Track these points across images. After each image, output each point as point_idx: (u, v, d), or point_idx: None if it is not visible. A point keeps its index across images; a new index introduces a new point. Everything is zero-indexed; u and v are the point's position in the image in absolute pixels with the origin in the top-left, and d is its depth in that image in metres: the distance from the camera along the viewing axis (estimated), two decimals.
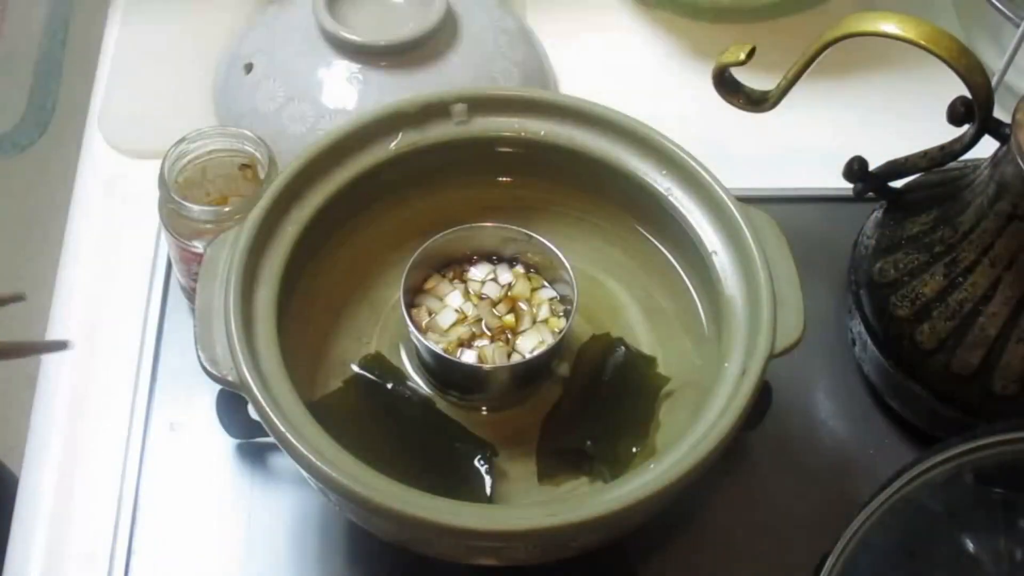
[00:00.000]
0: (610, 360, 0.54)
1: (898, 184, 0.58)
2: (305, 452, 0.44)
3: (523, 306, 0.56)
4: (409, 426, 0.52)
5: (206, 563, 0.54)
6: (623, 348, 0.55)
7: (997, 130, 0.51)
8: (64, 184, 0.69)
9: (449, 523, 0.43)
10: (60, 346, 0.57)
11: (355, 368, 0.54)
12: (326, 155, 0.53)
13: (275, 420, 0.45)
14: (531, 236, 0.55)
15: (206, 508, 0.55)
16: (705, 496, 0.56)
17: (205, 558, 0.54)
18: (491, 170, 0.58)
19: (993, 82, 0.61)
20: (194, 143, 0.57)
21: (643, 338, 0.56)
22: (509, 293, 0.56)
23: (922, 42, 0.49)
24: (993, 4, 0.67)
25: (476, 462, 0.51)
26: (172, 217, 0.57)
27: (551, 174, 0.58)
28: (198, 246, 0.56)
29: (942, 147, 0.54)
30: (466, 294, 0.56)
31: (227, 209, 0.55)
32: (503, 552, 0.47)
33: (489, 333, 0.55)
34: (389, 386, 0.53)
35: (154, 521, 0.55)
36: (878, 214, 0.59)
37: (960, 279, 0.52)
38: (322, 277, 0.56)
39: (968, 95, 0.50)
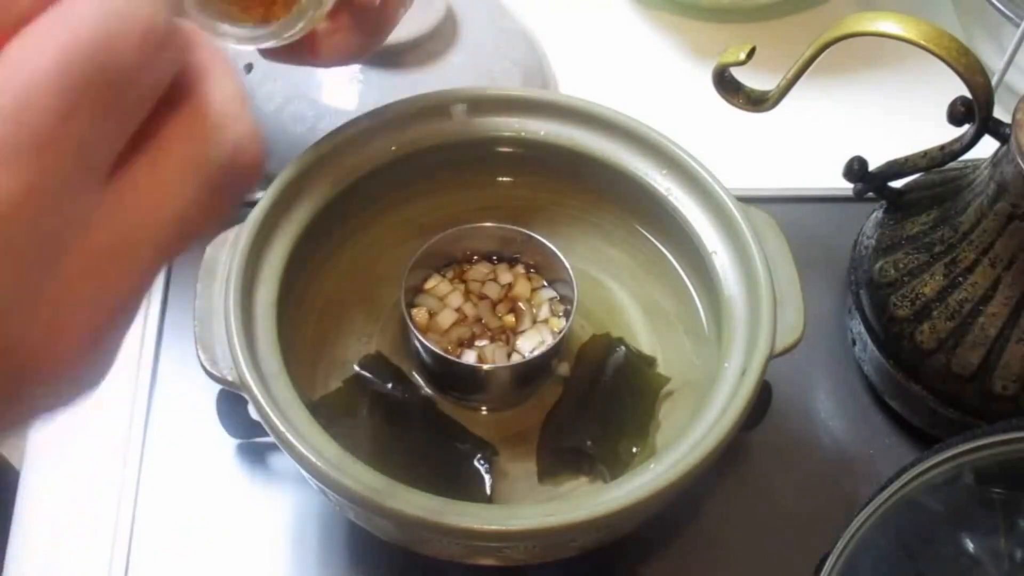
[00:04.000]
0: (610, 360, 0.54)
1: (898, 184, 0.58)
2: (305, 452, 0.44)
3: (523, 306, 0.56)
4: (409, 426, 0.52)
5: (206, 563, 0.54)
6: (623, 348, 0.55)
7: (997, 130, 0.51)
8: None
9: (449, 523, 0.43)
10: None
11: (355, 368, 0.54)
12: (327, 155, 0.53)
13: (275, 420, 0.45)
14: (531, 236, 0.55)
15: (206, 508, 0.55)
16: (705, 496, 0.56)
17: (205, 558, 0.54)
18: (491, 170, 0.58)
19: (993, 82, 0.61)
20: None
21: (643, 338, 0.56)
22: (509, 293, 0.56)
23: (922, 42, 0.49)
24: (993, 4, 0.67)
25: (476, 462, 0.51)
26: None
27: (551, 174, 0.58)
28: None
29: (942, 147, 0.54)
30: (466, 294, 0.56)
31: (270, 29, 0.41)
32: (503, 552, 0.47)
33: (489, 333, 0.55)
34: (389, 386, 0.53)
35: (154, 521, 0.55)
36: (878, 214, 0.59)
37: (960, 279, 0.52)
38: (322, 277, 0.56)
39: (968, 95, 0.50)
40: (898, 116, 0.71)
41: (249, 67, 0.68)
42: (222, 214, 0.26)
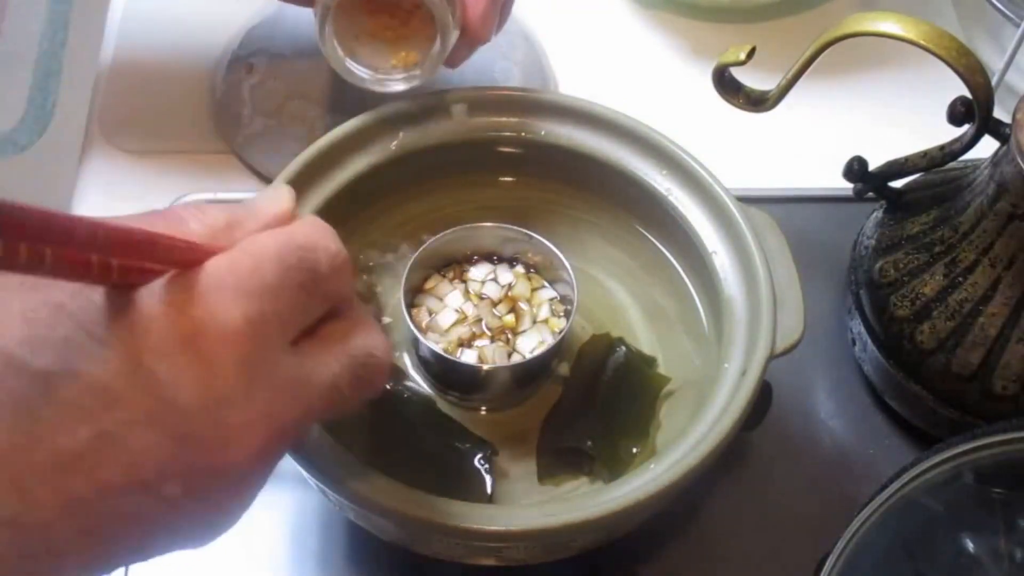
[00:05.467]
0: (610, 360, 0.54)
1: (898, 184, 0.58)
2: (305, 452, 0.44)
3: (523, 306, 0.56)
4: (409, 426, 0.52)
5: (206, 563, 0.54)
6: (623, 348, 0.55)
7: (997, 130, 0.51)
8: (64, 184, 0.69)
9: (449, 523, 0.43)
10: None
11: None
12: (326, 155, 0.53)
13: None
14: (531, 236, 0.55)
15: None
16: (705, 496, 0.56)
17: (205, 558, 0.54)
18: (491, 170, 0.58)
19: (993, 82, 0.61)
20: None
21: (643, 338, 0.56)
22: (509, 293, 0.56)
23: (922, 42, 0.49)
24: (993, 4, 0.67)
25: (476, 461, 0.51)
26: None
27: (551, 174, 0.58)
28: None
29: (942, 147, 0.54)
30: (466, 294, 0.56)
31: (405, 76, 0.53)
32: (503, 552, 0.47)
33: (489, 333, 0.55)
34: (389, 386, 0.53)
35: None
36: (878, 214, 0.59)
37: (960, 279, 0.52)
38: None
39: (968, 95, 0.50)
40: (898, 116, 0.71)
41: (249, 67, 0.68)
42: (357, 396, 0.35)
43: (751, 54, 0.51)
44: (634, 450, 0.52)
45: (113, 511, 0.29)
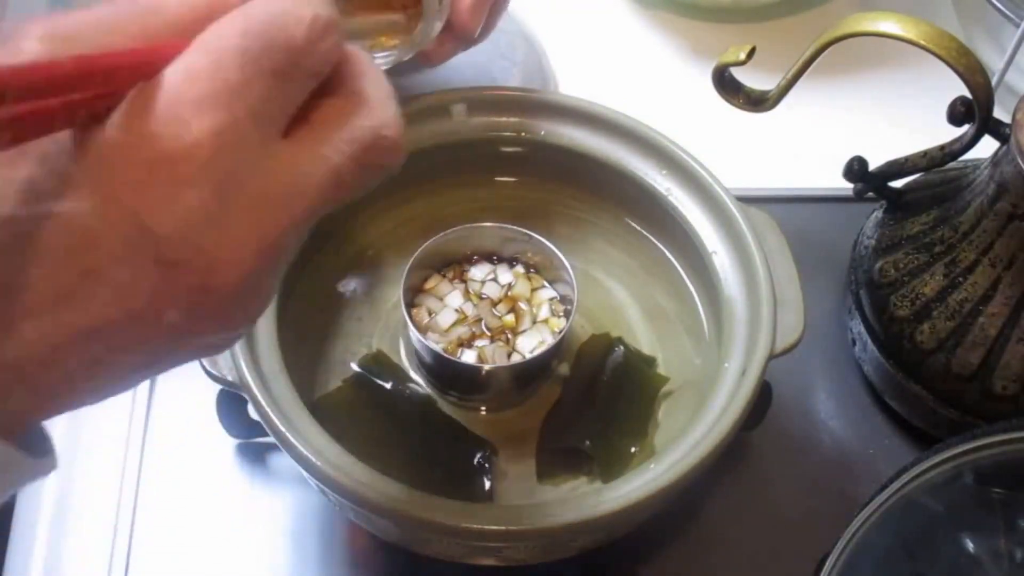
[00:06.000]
0: (610, 360, 0.54)
1: (898, 184, 0.58)
2: (305, 452, 0.44)
3: (523, 306, 0.56)
4: (409, 425, 0.52)
5: (206, 563, 0.54)
6: (623, 348, 0.55)
7: (997, 130, 0.51)
8: None
9: (449, 523, 0.43)
10: None
11: (355, 367, 0.54)
12: None
13: (275, 420, 0.45)
14: (531, 236, 0.55)
15: (206, 508, 0.55)
16: (705, 496, 0.56)
17: (205, 558, 0.54)
18: (491, 170, 0.58)
19: (993, 82, 0.61)
20: None
21: (643, 338, 0.56)
22: (509, 293, 0.56)
23: (922, 42, 0.49)
24: (993, 4, 0.67)
25: (476, 461, 0.51)
26: None
27: (551, 174, 0.58)
28: None
29: (942, 147, 0.54)
30: (466, 294, 0.56)
31: (388, 56, 0.51)
32: (503, 552, 0.47)
33: (489, 333, 0.55)
34: (389, 385, 0.53)
35: (154, 521, 0.55)
36: (878, 214, 0.59)
37: (960, 279, 0.52)
38: (322, 276, 0.56)
39: (968, 95, 0.50)
40: (898, 116, 0.71)
41: None
42: (367, 182, 0.33)
43: (751, 54, 0.51)
44: (633, 450, 0.52)
45: (117, 343, 0.29)
